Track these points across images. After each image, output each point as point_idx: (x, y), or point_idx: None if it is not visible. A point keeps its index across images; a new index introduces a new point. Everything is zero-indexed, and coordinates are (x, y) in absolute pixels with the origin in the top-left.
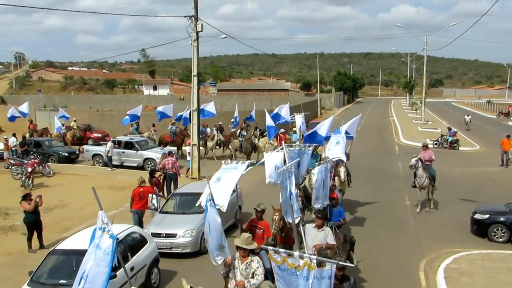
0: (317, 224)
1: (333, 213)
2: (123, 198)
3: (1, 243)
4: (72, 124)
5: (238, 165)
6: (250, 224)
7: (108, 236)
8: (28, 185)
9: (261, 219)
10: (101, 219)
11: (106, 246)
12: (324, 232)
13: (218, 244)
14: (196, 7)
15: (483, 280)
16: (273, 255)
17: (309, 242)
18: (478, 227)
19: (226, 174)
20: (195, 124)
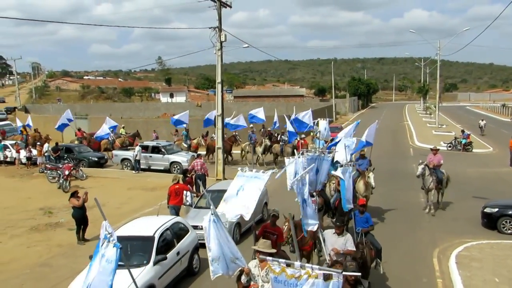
0: (337, 231)
1: (360, 220)
2: (155, 197)
3: (52, 237)
4: (121, 131)
5: (260, 174)
6: (263, 230)
7: (112, 245)
8: (65, 187)
9: (274, 225)
10: (105, 228)
11: (109, 255)
12: (344, 238)
13: (231, 257)
14: (220, 19)
15: (491, 264)
16: (272, 265)
17: (329, 247)
18: (488, 220)
19: (248, 183)
20: (219, 129)
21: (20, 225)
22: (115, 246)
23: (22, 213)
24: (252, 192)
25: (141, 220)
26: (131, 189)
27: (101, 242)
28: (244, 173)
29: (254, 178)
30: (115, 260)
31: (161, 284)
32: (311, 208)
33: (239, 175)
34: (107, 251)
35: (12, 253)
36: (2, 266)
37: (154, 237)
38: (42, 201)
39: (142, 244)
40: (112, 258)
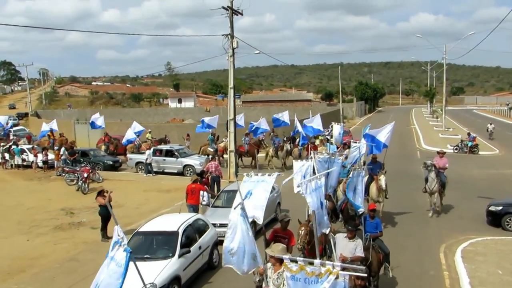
0: (349, 235)
1: (370, 225)
2: (171, 199)
3: (76, 235)
4: (147, 135)
5: (266, 178)
6: (274, 234)
7: (123, 249)
8: (84, 189)
9: (285, 229)
10: (117, 233)
11: (119, 258)
12: (355, 243)
13: (251, 253)
14: (232, 26)
15: (495, 258)
16: (288, 264)
17: (338, 251)
18: (492, 218)
19: (256, 188)
20: (231, 132)
21: (44, 224)
22: (125, 251)
23: (44, 214)
24: (260, 196)
25: (165, 217)
26: (147, 191)
27: (112, 246)
28: (250, 178)
29: (261, 182)
30: (124, 264)
31: (185, 276)
32: (325, 211)
33: (245, 180)
34: (117, 254)
35: (40, 250)
36: (33, 261)
37: (178, 232)
38: (63, 202)
39: (167, 239)
40: (121, 262)
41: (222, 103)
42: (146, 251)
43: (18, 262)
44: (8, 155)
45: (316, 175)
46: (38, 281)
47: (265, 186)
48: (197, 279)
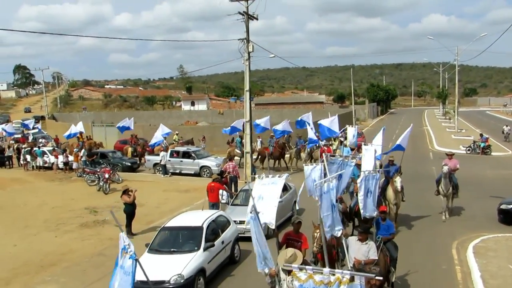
0: (360, 238)
1: (382, 227)
2: (190, 198)
3: (102, 232)
4: (174, 137)
5: (276, 179)
6: (286, 238)
7: (129, 256)
8: (105, 189)
9: (297, 232)
10: (123, 240)
11: (127, 266)
12: (367, 246)
13: (263, 255)
14: (248, 31)
15: (506, 254)
16: (297, 273)
17: (351, 254)
18: (503, 216)
19: (266, 191)
20: (247, 134)
21: (70, 222)
22: (131, 258)
23: (69, 212)
24: (271, 201)
25: (189, 214)
26: (166, 191)
27: (120, 254)
28: (262, 181)
29: (271, 184)
30: (131, 272)
31: (209, 268)
32: (338, 213)
33: (257, 183)
34: (125, 262)
35: (69, 246)
36: (63, 256)
37: (203, 227)
38: (85, 201)
39: (193, 233)
40: (129, 270)
41: (235, 106)
42: (173, 245)
43: (49, 256)
44: (29, 157)
45: (327, 177)
46: (69, 274)
47: (275, 188)
48: (219, 272)
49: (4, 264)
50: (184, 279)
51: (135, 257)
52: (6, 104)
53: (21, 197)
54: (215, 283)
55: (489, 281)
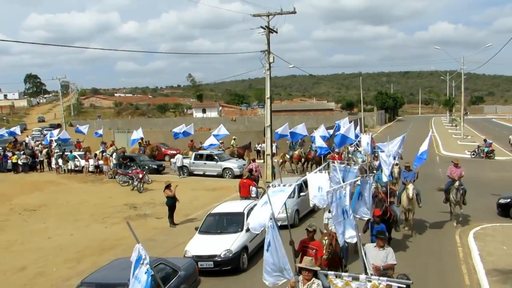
0: (379, 244)
1: (375, 230)
2: (218, 196)
3: (146, 224)
4: (232, 142)
5: (285, 188)
6: (302, 245)
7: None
8: (139, 188)
9: (312, 239)
10: (138, 251)
11: (143, 280)
12: (385, 252)
13: (278, 267)
14: (269, 43)
15: (502, 238)
16: (334, 279)
17: (370, 261)
18: (502, 209)
19: (273, 197)
20: (268, 138)
21: (114, 216)
22: (147, 273)
23: (110, 208)
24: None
25: (229, 203)
26: (194, 190)
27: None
28: (273, 188)
29: (279, 192)
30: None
31: (251, 247)
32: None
33: (269, 191)
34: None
35: (120, 234)
36: (118, 241)
37: (244, 212)
38: (123, 199)
39: (236, 218)
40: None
41: (246, 113)
42: (219, 227)
43: (106, 242)
44: (61, 161)
45: (341, 184)
46: (128, 254)
47: (282, 196)
48: (257, 253)
49: (69, 248)
50: (232, 253)
51: (151, 273)
52: (20, 113)
53: (61, 197)
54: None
55: (486, 258)
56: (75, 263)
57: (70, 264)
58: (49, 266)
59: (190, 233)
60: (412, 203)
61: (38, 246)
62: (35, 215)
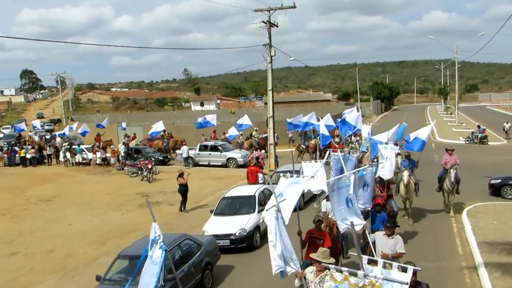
0: (387, 232)
1: (377, 219)
2: (225, 184)
3: (160, 210)
4: (253, 133)
5: (300, 179)
6: (309, 236)
7: (159, 246)
8: (149, 178)
9: (319, 229)
10: (154, 230)
11: (156, 256)
12: (394, 240)
13: (285, 257)
14: (270, 37)
15: (493, 214)
16: (334, 273)
17: (379, 248)
18: (493, 189)
19: (288, 190)
20: (271, 128)
21: (128, 204)
22: (161, 248)
23: (124, 197)
24: (291, 199)
25: (241, 188)
26: (202, 179)
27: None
28: (287, 179)
29: (294, 184)
30: (160, 262)
31: (262, 226)
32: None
33: (281, 182)
34: (155, 252)
35: (137, 219)
36: (136, 226)
37: (255, 195)
38: (134, 188)
39: (248, 200)
40: (157, 260)
41: (244, 105)
42: (233, 209)
43: (125, 226)
44: (69, 154)
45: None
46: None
47: (297, 188)
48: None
49: (91, 233)
50: (247, 232)
51: (165, 248)
52: (17, 109)
53: (73, 188)
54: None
55: (477, 231)
56: (99, 245)
57: (95, 246)
58: (76, 249)
59: (203, 217)
60: (408, 191)
61: (60, 232)
62: (51, 204)
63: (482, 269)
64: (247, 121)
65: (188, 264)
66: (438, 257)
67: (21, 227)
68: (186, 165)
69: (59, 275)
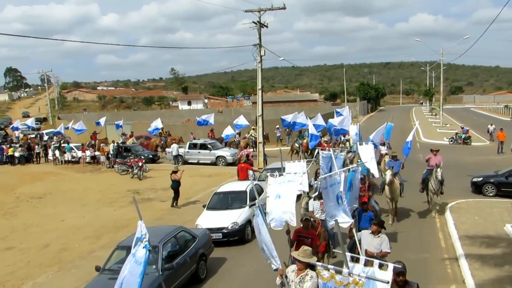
0: (373, 230)
1: (363, 218)
2: (215, 181)
3: (152, 206)
4: (250, 132)
5: (292, 177)
6: (297, 235)
7: (143, 246)
8: (140, 175)
9: (307, 228)
10: (141, 228)
11: (139, 256)
12: (380, 239)
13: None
14: (260, 38)
15: (474, 210)
16: (321, 271)
17: (364, 247)
18: (475, 187)
19: (283, 189)
20: (260, 127)
21: (120, 200)
22: (145, 247)
23: (115, 194)
24: (289, 196)
25: (232, 183)
26: (192, 176)
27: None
28: (276, 179)
29: (287, 182)
30: (143, 262)
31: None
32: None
33: (271, 182)
34: (138, 251)
35: (130, 215)
36: (129, 221)
37: (247, 191)
38: (125, 186)
39: (239, 195)
40: (141, 259)
41: (232, 104)
42: (225, 204)
43: (119, 222)
44: (58, 152)
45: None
46: None
47: (293, 186)
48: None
49: (85, 228)
50: (239, 226)
51: (148, 247)
52: (2, 107)
53: (63, 185)
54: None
55: (459, 226)
56: (94, 239)
57: (90, 240)
58: (71, 243)
59: (194, 213)
60: (393, 190)
61: (54, 227)
62: (43, 202)
63: (462, 260)
64: (244, 121)
65: (184, 254)
66: (421, 249)
67: (14, 224)
68: (175, 163)
69: (56, 268)
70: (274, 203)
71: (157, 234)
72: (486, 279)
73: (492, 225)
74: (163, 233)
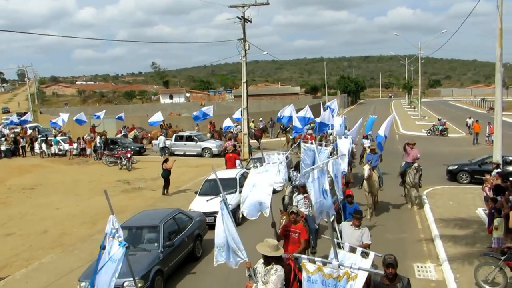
0: (355, 223)
1: (348, 210)
2: (202, 171)
3: (143, 195)
4: (250, 125)
5: (269, 167)
6: (284, 230)
7: (118, 242)
8: (128, 166)
9: (295, 222)
10: (112, 223)
11: (115, 254)
12: (361, 231)
13: (233, 247)
14: (244, 32)
15: (449, 196)
16: (306, 263)
17: (345, 239)
18: (450, 175)
19: (259, 179)
20: (245, 119)
21: (111, 189)
22: (120, 245)
23: (106, 184)
24: (264, 187)
25: (222, 171)
26: (179, 167)
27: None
28: (256, 170)
29: (264, 172)
30: (119, 260)
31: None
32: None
33: (251, 172)
34: (113, 248)
35: (123, 203)
36: (124, 208)
37: (236, 178)
38: (115, 176)
39: (230, 182)
40: (117, 257)
41: (214, 98)
42: (216, 190)
43: (114, 209)
44: (45, 145)
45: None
46: None
47: (268, 176)
48: None
49: (80, 215)
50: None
51: (125, 244)
52: None
53: (53, 177)
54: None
55: (435, 209)
56: (91, 225)
57: (87, 226)
58: (69, 229)
59: (185, 200)
60: (371, 184)
61: (50, 215)
62: (35, 192)
63: (437, 240)
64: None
65: (182, 234)
66: (399, 230)
67: (10, 212)
68: (162, 155)
69: (59, 250)
70: (249, 192)
71: (157, 215)
72: (458, 254)
73: (465, 209)
74: (162, 214)
